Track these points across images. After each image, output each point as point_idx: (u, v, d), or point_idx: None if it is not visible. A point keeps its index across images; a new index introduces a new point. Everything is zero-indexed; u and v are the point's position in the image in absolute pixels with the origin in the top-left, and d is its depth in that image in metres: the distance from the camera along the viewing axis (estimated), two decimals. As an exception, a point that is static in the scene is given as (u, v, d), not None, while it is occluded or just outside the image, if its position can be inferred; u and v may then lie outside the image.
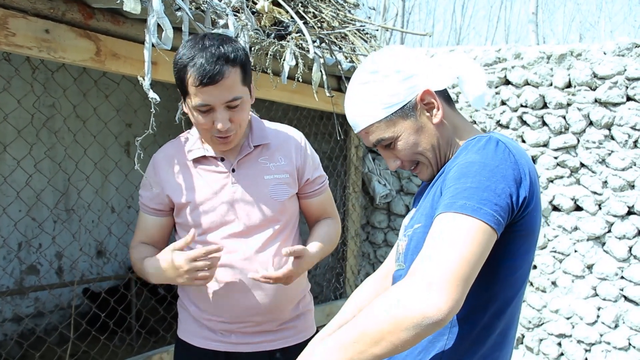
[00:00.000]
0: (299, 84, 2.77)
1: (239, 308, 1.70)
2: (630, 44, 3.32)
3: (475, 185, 1.06)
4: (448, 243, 1.01)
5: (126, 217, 4.46)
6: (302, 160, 1.78)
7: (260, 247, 1.70)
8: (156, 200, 1.75)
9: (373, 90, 1.25)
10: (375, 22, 3.94)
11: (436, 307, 0.95)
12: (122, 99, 3.75)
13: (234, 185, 1.69)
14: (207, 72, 1.46)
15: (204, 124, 1.56)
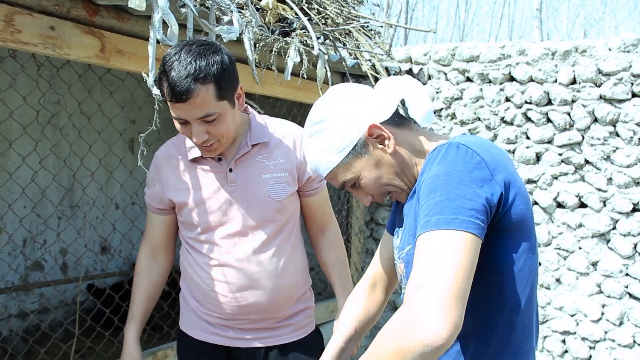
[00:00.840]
0: (303, 80, 2.77)
1: (236, 306, 1.72)
2: (635, 40, 3.31)
3: (445, 197, 1.05)
4: (434, 264, 1.00)
5: (130, 214, 4.47)
6: (302, 157, 1.76)
7: (259, 247, 1.71)
8: (158, 200, 1.78)
9: (321, 139, 1.25)
10: (379, 19, 3.93)
11: (435, 334, 0.95)
12: (127, 95, 3.76)
13: (232, 185, 1.69)
14: (176, 90, 1.45)
15: (184, 133, 1.60)
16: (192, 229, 1.74)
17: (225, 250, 1.70)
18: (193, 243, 1.76)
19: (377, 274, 1.53)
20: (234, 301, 1.71)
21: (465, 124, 3.89)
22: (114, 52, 2.14)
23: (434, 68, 4.02)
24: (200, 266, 1.74)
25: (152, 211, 1.82)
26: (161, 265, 1.88)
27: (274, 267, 1.72)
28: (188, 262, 1.79)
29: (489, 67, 3.77)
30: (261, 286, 1.71)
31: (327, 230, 1.93)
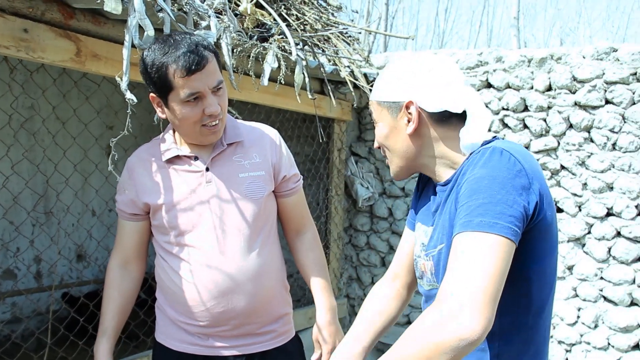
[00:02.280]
0: (281, 86, 2.76)
1: (216, 312, 1.68)
2: (608, 48, 3.36)
3: (488, 201, 1.10)
4: (472, 264, 1.05)
5: (107, 220, 4.42)
6: (278, 157, 1.77)
7: (238, 248, 1.68)
8: (132, 205, 1.73)
9: (395, 73, 1.31)
10: (358, 25, 3.95)
11: (470, 329, 1.00)
12: (103, 100, 3.71)
13: (209, 184, 1.67)
14: (192, 59, 1.48)
15: (192, 116, 1.55)
16: (168, 232, 1.69)
17: (203, 252, 1.65)
18: (169, 247, 1.70)
19: (398, 269, 1.55)
20: (214, 307, 1.67)
21: (443, 130, 3.92)
22: (89, 56, 2.12)
23: (412, 74, 4.03)
24: (177, 272, 1.69)
25: (125, 218, 1.76)
26: (133, 276, 1.81)
27: (253, 270, 1.68)
28: (164, 270, 1.73)
29: (466, 73, 3.80)
30: (241, 290, 1.67)
31: (304, 232, 1.90)
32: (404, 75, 1.30)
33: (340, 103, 3.82)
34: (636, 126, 3.26)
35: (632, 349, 3.33)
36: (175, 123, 1.62)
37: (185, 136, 1.66)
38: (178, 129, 1.66)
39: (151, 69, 1.52)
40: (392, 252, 4.19)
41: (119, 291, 1.78)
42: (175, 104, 1.54)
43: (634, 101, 3.28)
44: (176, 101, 1.53)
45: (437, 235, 1.30)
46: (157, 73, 1.51)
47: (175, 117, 1.58)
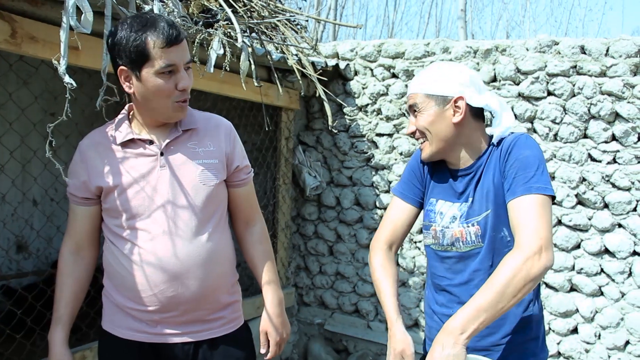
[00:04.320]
0: (228, 74, 2.72)
1: (164, 297, 1.67)
2: (550, 41, 3.45)
3: (539, 172, 1.57)
4: (540, 217, 1.51)
5: (48, 210, 4.27)
6: (232, 147, 1.80)
7: (190, 234, 1.69)
8: (83, 189, 1.71)
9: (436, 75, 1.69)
10: (306, 13, 3.92)
11: (551, 261, 1.48)
12: (42, 85, 3.58)
13: (162, 168, 1.68)
14: (172, 33, 1.56)
15: (166, 89, 1.60)
16: (119, 216, 1.68)
17: (154, 236, 1.66)
18: (119, 231, 1.69)
19: (394, 237, 1.88)
20: (164, 291, 1.66)
21: (390, 120, 3.95)
22: (26, 38, 2.03)
23: (360, 64, 4.05)
24: (127, 256, 1.68)
25: (76, 203, 1.74)
26: (87, 262, 1.80)
27: (203, 255, 1.69)
28: (113, 255, 1.72)
29: (414, 63, 3.84)
30: (191, 274, 1.68)
31: (253, 224, 1.93)
32: (452, 74, 1.68)
33: (288, 91, 3.80)
34: (576, 117, 3.36)
35: (571, 333, 3.45)
36: (145, 97, 1.63)
37: (153, 111, 1.67)
38: (146, 104, 1.66)
39: (127, 41, 1.55)
40: (340, 240, 4.21)
41: (72, 278, 1.77)
42: (150, 75, 1.58)
43: (574, 93, 3.38)
44: (151, 72, 1.57)
45: (478, 205, 1.69)
46: (134, 42, 1.55)
47: (147, 90, 1.60)
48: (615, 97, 3.26)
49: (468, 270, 1.72)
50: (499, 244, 1.67)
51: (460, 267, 1.74)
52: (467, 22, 12.50)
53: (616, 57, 3.27)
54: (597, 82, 3.30)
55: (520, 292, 1.46)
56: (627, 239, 3.27)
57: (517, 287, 1.45)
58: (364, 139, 4.08)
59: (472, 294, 1.62)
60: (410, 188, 1.89)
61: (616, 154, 3.30)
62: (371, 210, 4.07)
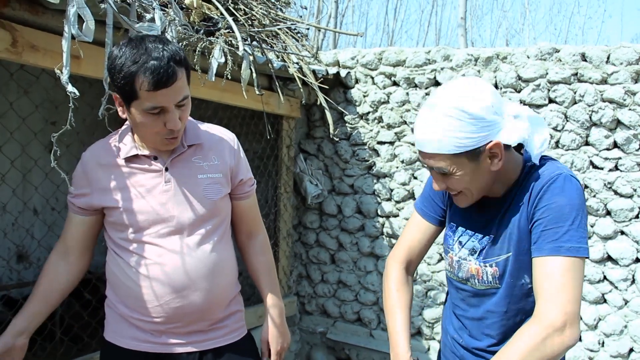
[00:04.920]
0: (229, 82, 2.72)
1: (170, 308, 1.68)
2: (551, 48, 3.46)
3: (573, 227, 1.35)
4: (568, 286, 1.33)
5: (49, 219, 4.26)
6: (236, 161, 1.81)
7: (194, 246, 1.70)
8: (84, 201, 1.71)
9: (455, 125, 1.36)
10: (307, 21, 3.93)
11: (574, 340, 1.32)
12: (43, 94, 3.58)
13: (167, 184, 1.68)
14: (162, 75, 1.46)
15: (153, 127, 1.56)
16: (124, 229, 1.68)
17: (159, 249, 1.66)
18: (124, 244, 1.69)
19: (411, 256, 1.76)
20: (170, 302, 1.67)
21: (392, 128, 3.95)
22: (27, 47, 2.03)
23: (361, 72, 4.05)
24: (133, 268, 1.68)
25: (74, 211, 1.74)
26: (71, 268, 1.77)
27: (209, 268, 1.70)
28: (118, 266, 1.71)
29: (414, 71, 3.84)
30: (197, 286, 1.69)
31: (256, 236, 1.95)
32: (472, 115, 1.35)
33: (289, 100, 3.80)
34: (578, 124, 3.36)
35: (573, 341, 3.43)
36: (135, 127, 1.62)
37: (143, 140, 1.67)
38: (136, 132, 1.66)
39: (119, 73, 1.49)
40: (341, 249, 4.20)
41: (49, 279, 1.75)
42: (137, 112, 1.54)
43: (576, 100, 3.38)
44: (139, 110, 1.53)
45: (499, 244, 1.51)
46: (123, 79, 1.49)
47: (135, 123, 1.59)
48: (616, 105, 3.26)
49: (482, 308, 1.61)
50: (518, 291, 1.53)
51: (475, 302, 1.63)
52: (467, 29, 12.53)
53: (617, 65, 3.27)
54: (598, 89, 3.30)
55: None
56: (629, 246, 3.26)
57: None
58: (365, 147, 4.07)
59: (484, 332, 1.61)
60: (430, 205, 1.74)
61: (618, 161, 3.29)
62: (373, 218, 4.06)
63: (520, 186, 1.49)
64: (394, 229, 3.98)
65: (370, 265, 4.09)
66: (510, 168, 1.50)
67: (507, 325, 1.57)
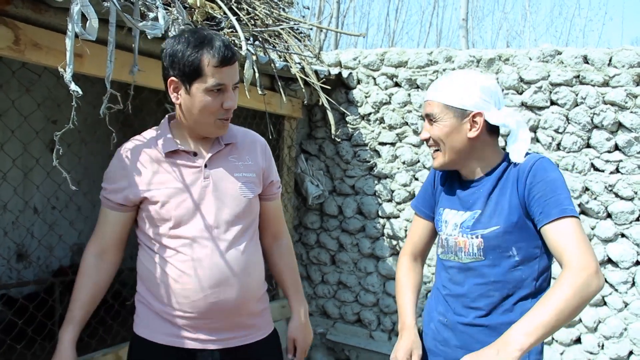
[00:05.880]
0: (231, 81, 2.71)
1: (205, 303, 1.71)
2: (553, 51, 3.45)
3: (567, 195, 1.58)
4: (585, 241, 1.53)
5: (49, 218, 4.26)
6: (268, 163, 1.90)
7: (230, 242, 1.74)
8: (122, 195, 1.74)
9: (461, 87, 1.66)
10: (309, 22, 3.93)
11: (603, 283, 1.49)
12: (45, 92, 3.57)
13: (206, 180, 1.73)
14: (226, 54, 1.62)
15: (212, 106, 1.66)
16: (161, 224, 1.72)
17: (196, 244, 1.70)
18: (161, 239, 1.73)
19: (417, 250, 1.97)
20: (206, 297, 1.70)
21: (393, 128, 3.94)
22: (29, 44, 2.02)
23: (363, 73, 4.05)
24: (168, 263, 1.71)
25: (110, 207, 1.76)
26: (109, 267, 1.81)
27: (242, 264, 1.75)
28: (152, 261, 1.75)
29: (416, 72, 3.84)
30: (232, 282, 1.73)
31: (281, 238, 2.03)
32: (474, 86, 1.65)
33: (291, 100, 3.80)
34: (579, 127, 3.36)
35: (574, 343, 3.43)
36: (189, 110, 1.69)
37: (194, 124, 1.72)
38: (189, 117, 1.71)
39: (183, 54, 1.62)
40: (342, 250, 4.20)
41: (93, 281, 1.78)
42: (199, 90, 1.64)
43: (577, 102, 3.38)
44: (201, 88, 1.64)
45: (486, 219, 1.68)
46: (189, 58, 1.61)
47: (193, 104, 1.67)
48: (618, 107, 3.26)
49: (468, 283, 1.72)
50: (505, 262, 1.66)
51: (461, 278, 1.74)
52: (469, 31, 12.53)
53: (619, 67, 3.27)
54: (600, 91, 3.30)
55: (577, 311, 1.46)
56: (630, 248, 3.25)
57: (576, 305, 1.45)
58: (366, 147, 4.07)
59: (470, 306, 1.71)
60: (424, 202, 1.93)
61: (619, 163, 3.29)
62: (373, 219, 4.05)
63: (506, 171, 1.69)
64: (395, 230, 3.98)
65: (370, 267, 4.09)
66: (489, 152, 1.72)
67: (494, 297, 1.68)
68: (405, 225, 3.95)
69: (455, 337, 1.75)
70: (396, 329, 4.01)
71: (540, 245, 1.66)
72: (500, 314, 1.68)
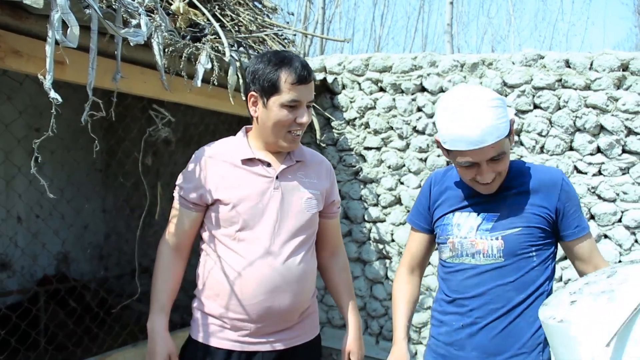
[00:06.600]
0: (216, 88, 2.71)
1: (261, 307, 1.81)
2: (535, 55, 3.48)
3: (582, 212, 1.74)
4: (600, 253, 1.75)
5: (33, 227, 4.22)
6: (330, 183, 2.03)
7: (289, 251, 1.85)
8: (198, 196, 1.85)
9: (499, 112, 1.59)
10: (293, 27, 3.93)
11: None
12: (27, 100, 3.55)
13: (276, 190, 1.85)
14: (303, 73, 1.76)
15: (287, 120, 1.79)
16: (228, 226, 1.83)
17: (259, 249, 1.81)
18: (226, 240, 1.84)
19: (414, 262, 1.99)
20: (264, 302, 1.81)
21: (378, 133, 3.96)
22: (9, 52, 2.01)
23: (348, 78, 4.06)
24: (231, 266, 1.82)
25: (186, 207, 1.88)
26: (182, 264, 1.93)
27: (299, 273, 1.86)
28: (214, 264, 1.85)
29: (401, 77, 3.86)
30: (286, 289, 1.83)
31: (338, 254, 2.15)
32: (498, 104, 1.59)
33: (277, 106, 3.79)
34: (562, 130, 3.39)
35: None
36: (265, 123, 1.82)
37: (268, 137, 1.85)
38: (263, 130, 1.85)
39: (264, 71, 1.77)
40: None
41: (172, 272, 1.90)
42: (275, 105, 1.77)
43: (560, 106, 3.41)
44: (277, 103, 1.77)
45: (508, 221, 1.70)
46: (269, 74, 1.76)
47: (269, 117, 1.80)
48: (599, 110, 3.29)
49: (483, 286, 1.74)
50: (524, 264, 1.70)
51: (475, 281, 1.75)
52: (453, 36, 12.62)
53: (600, 71, 3.31)
54: (582, 95, 3.33)
55: None
56: (612, 249, 3.28)
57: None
58: (352, 152, 4.08)
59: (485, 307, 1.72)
60: (418, 216, 1.96)
61: (601, 166, 3.32)
62: (360, 223, 4.06)
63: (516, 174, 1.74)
64: (381, 234, 3.98)
65: (357, 271, 4.09)
66: None
67: (513, 298, 1.70)
68: (392, 229, 3.95)
69: (471, 340, 1.75)
70: (383, 332, 4.01)
71: (554, 250, 1.75)
72: (518, 315, 1.70)
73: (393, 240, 3.95)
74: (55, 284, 3.62)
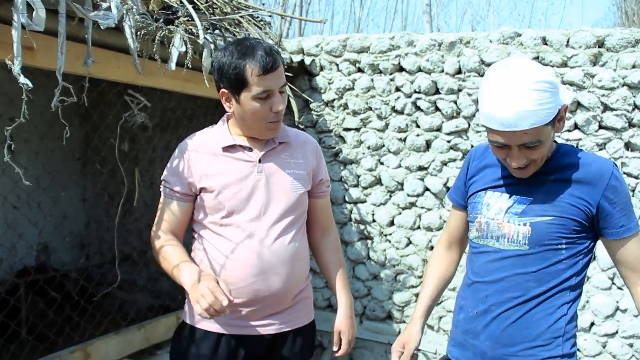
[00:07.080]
0: (191, 72, 2.67)
1: (252, 290, 1.83)
2: (512, 33, 3.49)
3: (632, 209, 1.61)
4: None
5: (10, 218, 4.16)
6: (317, 162, 2.02)
7: (277, 233, 1.86)
8: (186, 186, 1.87)
9: (543, 97, 1.44)
10: (269, 9, 3.89)
11: None
12: (-3, 88, 3.47)
13: (259, 174, 1.86)
14: (268, 61, 1.71)
15: (261, 111, 1.77)
16: (214, 213, 1.84)
17: (246, 234, 1.82)
18: (213, 227, 1.86)
19: (452, 238, 1.96)
20: (252, 284, 1.82)
21: (357, 114, 3.95)
22: (-26, 38, 1.96)
23: (326, 59, 4.03)
24: (219, 250, 1.83)
25: (175, 198, 1.89)
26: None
27: (289, 255, 1.87)
28: (203, 250, 1.88)
29: (379, 57, 3.84)
30: (276, 271, 1.84)
31: (329, 233, 2.14)
32: (554, 89, 1.46)
33: (254, 88, 3.75)
34: (539, 107, 3.40)
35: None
36: (242, 117, 1.81)
37: (248, 129, 1.85)
38: (243, 123, 1.84)
39: (229, 67, 1.72)
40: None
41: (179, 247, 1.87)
42: (247, 99, 1.75)
43: (537, 83, 3.41)
44: (248, 97, 1.74)
45: (538, 207, 1.60)
46: (234, 70, 1.72)
47: (245, 111, 1.78)
48: (576, 87, 3.31)
49: (503, 272, 1.66)
50: (551, 255, 1.61)
51: (496, 266, 1.68)
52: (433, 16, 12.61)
53: (576, 48, 3.32)
54: (559, 72, 3.35)
55: None
56: (592, 225, 3.32)
57: None
58: (331, 134, 4.07)
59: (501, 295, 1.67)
60: (456, 191, 1.92)
61: (579, 142, 3.34)
62: (341, 205, 4.06)
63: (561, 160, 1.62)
64: (362, 215, 3.99)
65: (340, 253, 4.10)
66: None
67: (532, 288, 1.63)
68: (372, 210, 3.96)
69: (485, 329, 1.70)
70: (367, 312, 4.04)
71: (590, 246, 1.64)
72: (535, 306, 1.63)
73: (374, 220, 3.96)
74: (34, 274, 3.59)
